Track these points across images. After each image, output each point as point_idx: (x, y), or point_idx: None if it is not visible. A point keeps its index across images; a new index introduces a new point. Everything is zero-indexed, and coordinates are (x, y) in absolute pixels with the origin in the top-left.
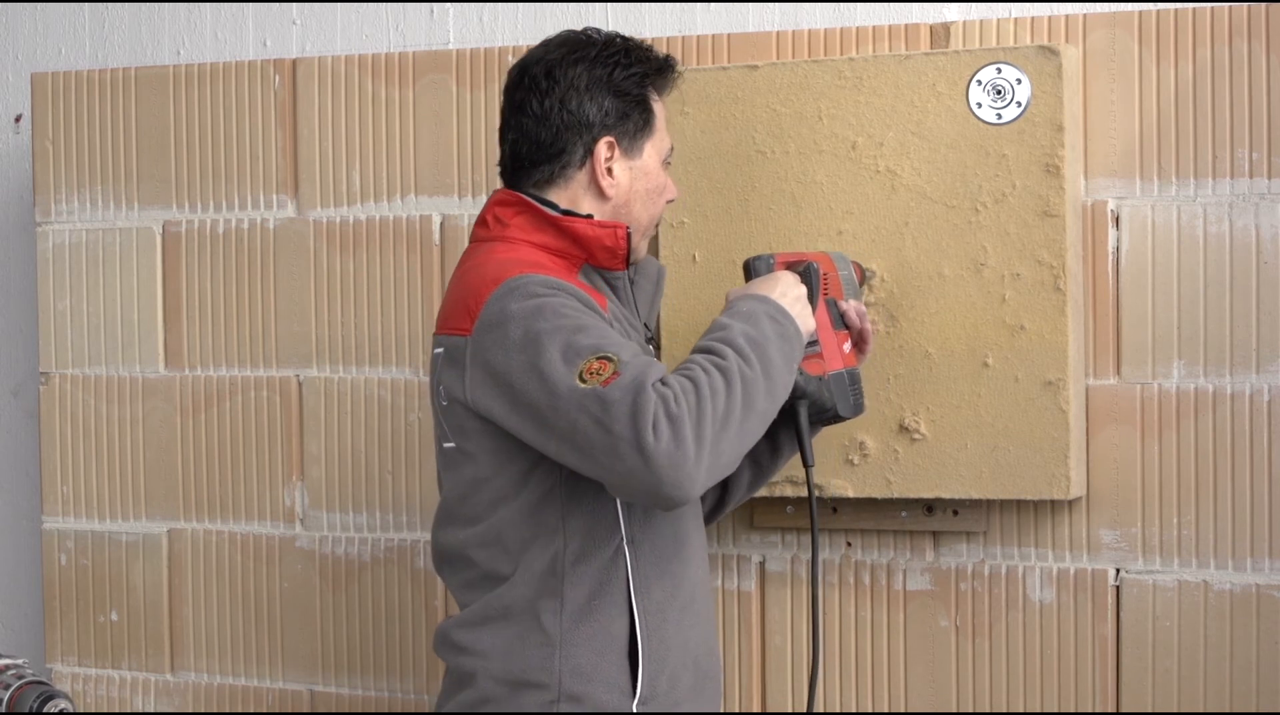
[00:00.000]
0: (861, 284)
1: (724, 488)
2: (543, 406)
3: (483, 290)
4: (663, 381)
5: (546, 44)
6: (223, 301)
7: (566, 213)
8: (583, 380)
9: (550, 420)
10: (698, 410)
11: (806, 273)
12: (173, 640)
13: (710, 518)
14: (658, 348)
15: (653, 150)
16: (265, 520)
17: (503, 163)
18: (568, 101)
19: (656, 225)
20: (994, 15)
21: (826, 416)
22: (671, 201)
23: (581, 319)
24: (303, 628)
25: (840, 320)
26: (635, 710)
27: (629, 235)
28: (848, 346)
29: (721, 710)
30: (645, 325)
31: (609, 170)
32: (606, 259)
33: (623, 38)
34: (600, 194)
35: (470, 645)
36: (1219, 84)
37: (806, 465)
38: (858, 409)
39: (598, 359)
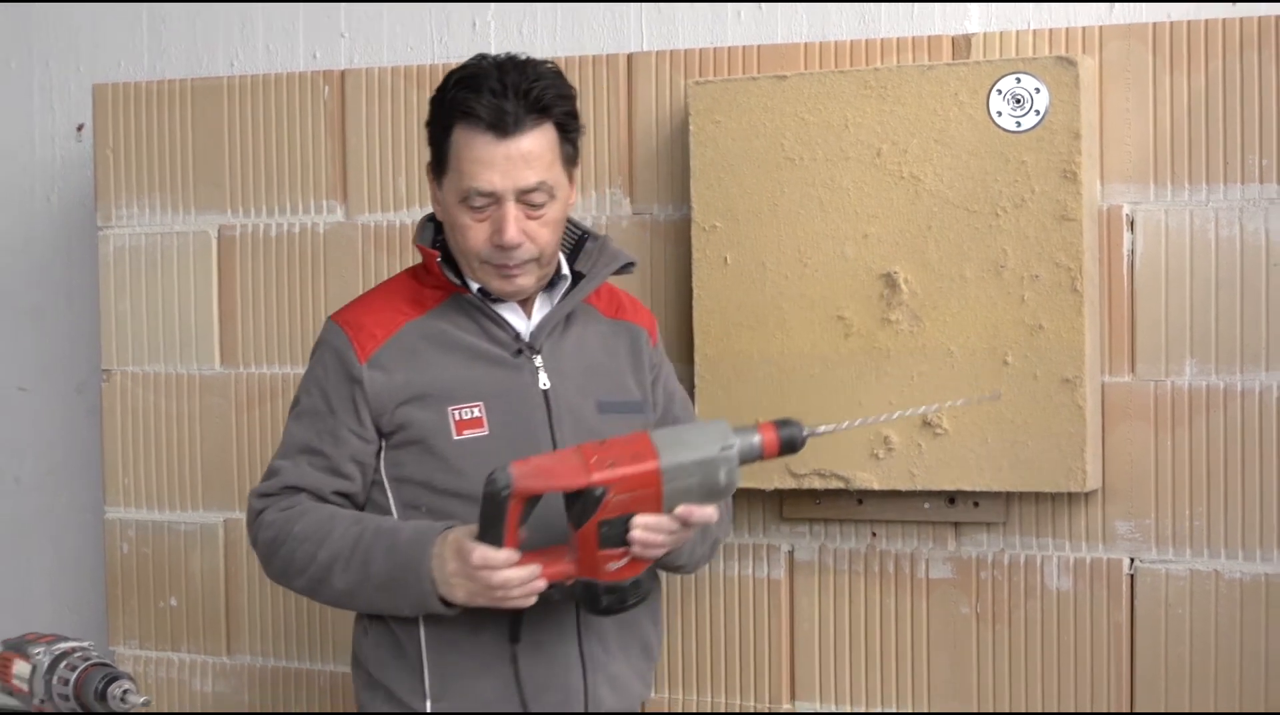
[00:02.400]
0: (787, 453)
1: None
2: None
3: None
4: (281, 505)
5: None
6: (275, 302)
7: (439, 231)
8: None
9: None
10: (268, 554)
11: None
12: (229, 624)
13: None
14: (535, 352)
15: (449, 186)
16: None
17: None
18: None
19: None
20: (1013, 27)
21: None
22: (505, 247)
23: (305, 387)
24: (351, 614)
25: (618, 538)
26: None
27: (438, 261)
28: (617, 565)
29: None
30: (520, 337)
31: (434, 194)
32: (442, 282)
33: (470, 66)
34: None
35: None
36: (1230, 93)
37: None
38: (608, 611)
39: (285, 429)
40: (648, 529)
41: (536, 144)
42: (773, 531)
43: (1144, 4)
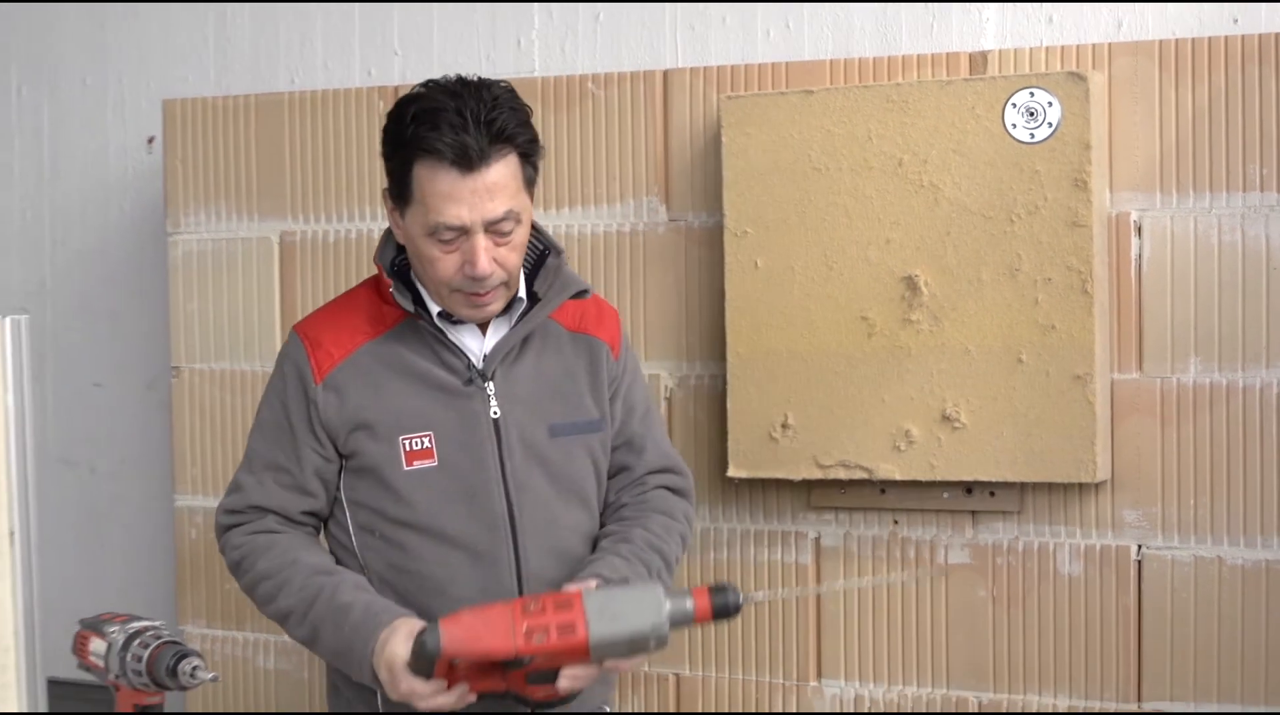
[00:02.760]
0: (720, 619)
1: None
2: None
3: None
4: (250, 528)
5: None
6: None
7: (398, 256)
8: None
9: None
10: (234, 572)
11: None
12: None
13: None
14: (486, 380)
15: (413, 219)
16: None
17: None
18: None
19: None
20: (1027, 44)
21: None
22: (477, 278)
23: (266, 401)
24: None
25: (547, 680)
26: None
27: (390, 287)
28: (546, 692)
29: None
30: (472, 365)
31: (395, 219)
32: (394, 307)
33: (429, 103)
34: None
35: None
36: (1232, 106)
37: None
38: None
39: (247, 444)
40: (575, 678)
41: (501, 174)
42: (801, 519)
43: (1151, 22)
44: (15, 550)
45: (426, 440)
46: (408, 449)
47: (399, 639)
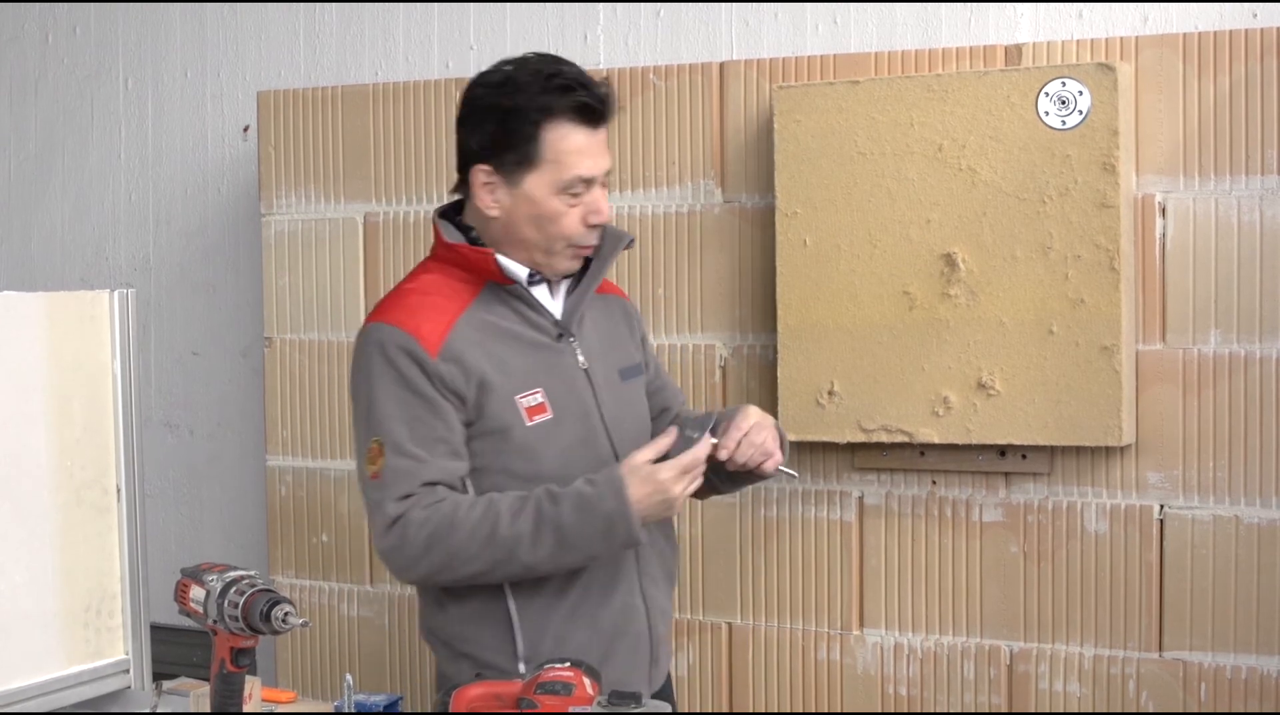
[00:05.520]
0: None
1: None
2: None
3: (366, 320)
4: (424, 502)
5: (493, 66)
6: None
7: (466, 230)
8: (366, 457)
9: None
10: (426, 549)
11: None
12: (371, 558)
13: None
14: (571, 335)
15: (538, 181)
16: None
17: None
18: (463, 128)
19: (588, 245)
20: (1059, 37)
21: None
22: (596, 226)
23: (381, 393)
24: None
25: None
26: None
27: (495, 259)
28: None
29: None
30: (559, 322)
31: (491, 193)
32: (491, 277)
33: (543, 69)
34: (485, 214)
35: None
36: (1251, 95)
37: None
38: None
39: (376, 442)
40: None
41: (605, 133)
42: (845, 479)
43: (1175, 17)
44: (122, 506)
45: (539, 396)
46: (526, 406)
47: (637, 474)
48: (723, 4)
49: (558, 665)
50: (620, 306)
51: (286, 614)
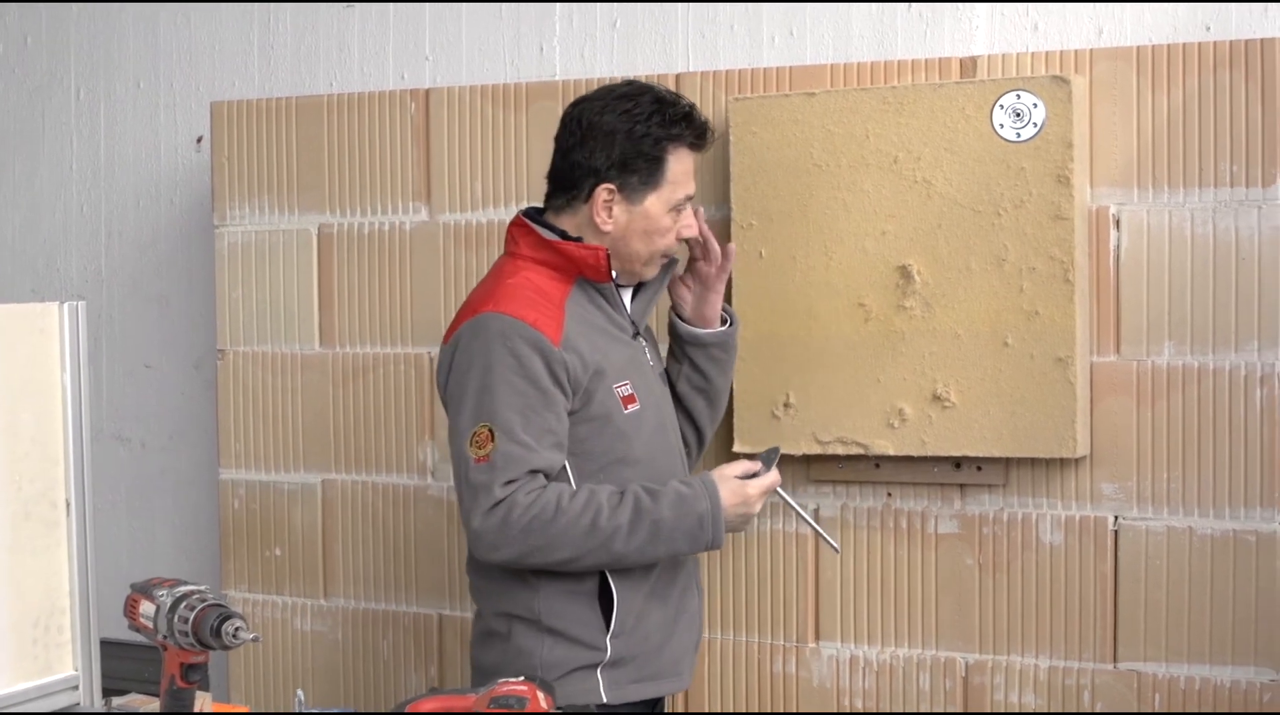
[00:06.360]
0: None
1: (698, 434)
2: (451, 434)
3: (469, 312)
4: (528, 488)
5: (602, 91)
6: (367, 291)
7: (564, 235)
8: (472, 441)
9: (451, 446)
10: (524, 532)
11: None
12: (325, 571)
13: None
14: (648, 336)
15: (657, 200)
16: (402, 472)
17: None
18: (585, 147)
19: (666, 256)
20: (1014, 49)
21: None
22: (688, 239)
23: (498, 380)
24: (432, 562)
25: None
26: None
27: (608, 256)
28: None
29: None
30: (634, 322)
31: (609, 210)
32: (592, 274)
33: (665, 98)
34: (598, 228)
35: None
36: (1205, 107)
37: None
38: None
39: (485, 428)
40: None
41: None
42: (801, 491)
43: (1129, 29)
44: (72, 520)
45: (629, 387)
46: (622, 395)
47: (728, 484)
48: (679, 15)
49: (512, 680)
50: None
51: (237, 629)
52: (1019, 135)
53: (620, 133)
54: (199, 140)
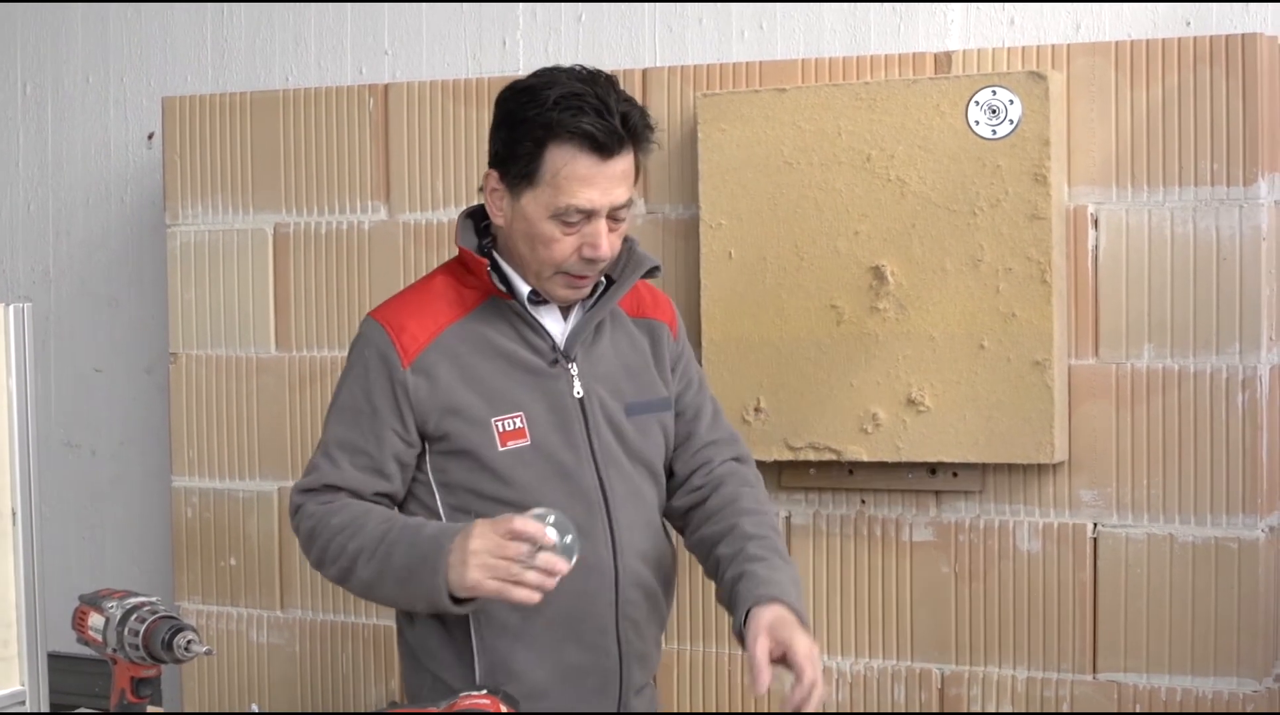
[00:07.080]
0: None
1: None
2: None
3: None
4: (321, 499)
5: (535, 73)
6: (325, 292)
7: (483, 235)
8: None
9: None
10: (307, 540)
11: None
12: (282, 582)
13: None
14: (569, 360)
15: (534, 200)
16: None
17: None
18: (493, 130)
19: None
20: (990, 45)
21: None
22: (596, 260)
23: (344, 387)
24: None
25: None
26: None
27: (489, 269)
28: None
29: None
30: (556, 347)
31: (497, 202)
32: (492, 289)
33: (579, 92)
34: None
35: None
36: (1184, 105)
37: None
38: None
39: (322, 438)
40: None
41: (627, 164)
42: (772, 499)
43: (1108, 24)
44: (18, 529)
45: (518, 420)
46: (500, 430)
47: (480, 527)
48: (646, 9)
49: (475, 694)
50: (653, 333)
51: (189, 642)
52: (995, 133)
53: (513, 117)
54: (150, 137)
